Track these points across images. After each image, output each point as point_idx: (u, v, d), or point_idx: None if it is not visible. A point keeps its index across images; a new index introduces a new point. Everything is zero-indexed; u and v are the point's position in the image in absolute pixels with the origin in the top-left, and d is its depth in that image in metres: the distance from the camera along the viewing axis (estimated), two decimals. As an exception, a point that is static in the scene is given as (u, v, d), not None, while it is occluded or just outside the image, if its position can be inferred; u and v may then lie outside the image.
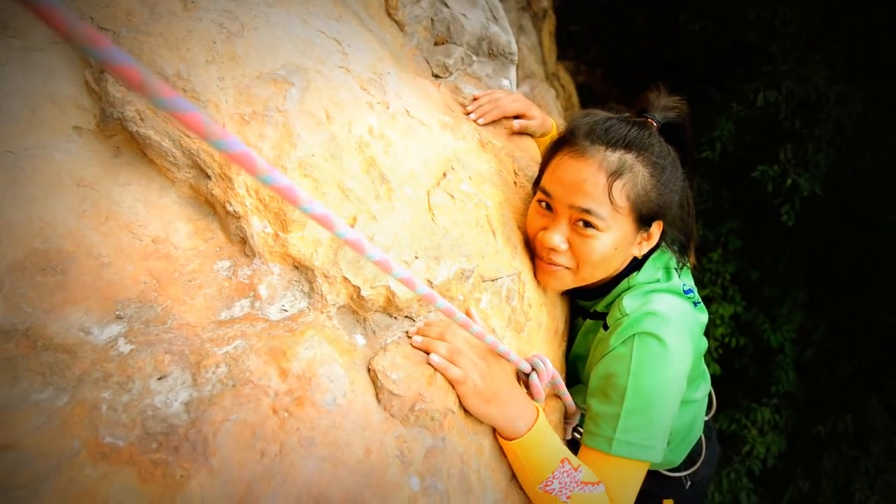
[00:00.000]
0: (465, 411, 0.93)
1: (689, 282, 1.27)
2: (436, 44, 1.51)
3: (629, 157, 1.08)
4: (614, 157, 1.08)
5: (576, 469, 1.01)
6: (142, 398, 0.73)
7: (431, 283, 0.94)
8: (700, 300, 1.26)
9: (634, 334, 1.08)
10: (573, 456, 1.03)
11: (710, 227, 5.49)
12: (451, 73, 1.45)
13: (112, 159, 0.94)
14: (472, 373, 0.91)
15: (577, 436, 1.23)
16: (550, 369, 1.03)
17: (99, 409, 0.70)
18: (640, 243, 1.16)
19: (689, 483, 1.60)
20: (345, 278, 0.89)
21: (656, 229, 1.16)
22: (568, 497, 0.99)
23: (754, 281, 5.29)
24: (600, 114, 1.17)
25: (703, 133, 5.35)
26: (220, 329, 0.83)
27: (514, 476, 1.03)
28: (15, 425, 0.64)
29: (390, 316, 0.93)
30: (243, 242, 0.93)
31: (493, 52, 1.56)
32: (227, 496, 0.67)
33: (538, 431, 0.97)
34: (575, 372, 1.31)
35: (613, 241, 1.10)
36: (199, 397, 0.74)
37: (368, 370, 0.84)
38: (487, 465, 0.94)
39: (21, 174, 0.87)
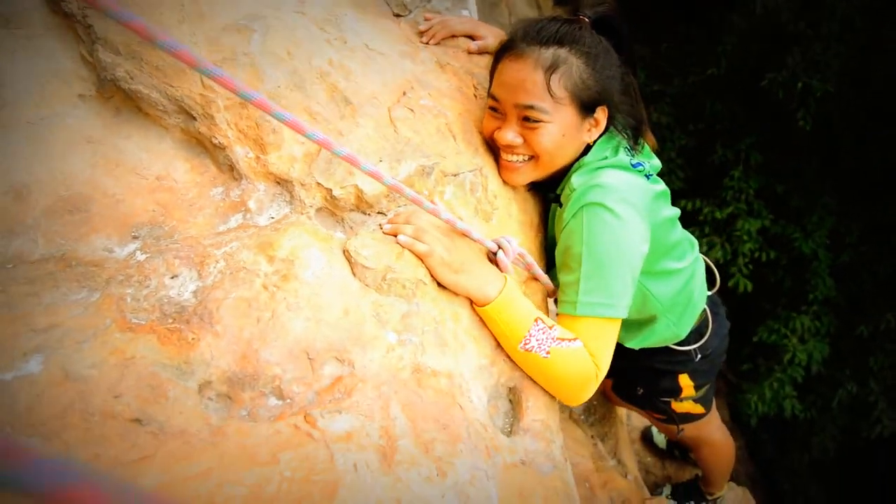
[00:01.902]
0: (439, 285, 1.08)
1: (646, 160, 1.37)
2: (394, -14, 1.63)
3: (562, 52, 1.19)
4: (548, 53, 1.19)
5: (550, 328, 1.14)
6: (158, 291, 0.90)
7: (395, 178, 1.08)
8: (654, 174, 1.36)
9: (582, 206, 1.20)
10: (546, 317, 1.16)
11: (730, 146, 5.44)
12: (410, 11, 1.57)
13: (114, 118, 1.11)
14: (438, 247, 1.05)
15: None
16: (516, 247, 1.16)
17: (125, 300, 0.87)
18: (588, 130, 1.27)
19: (699, 356, 1.71)
20: (318, 183, 1.04)
21: (601, 115, 1.27)
22: (547, 352, 1.13)
23: (780, 193, 5.24)
24: (535, 18, 1.28)
25: (708, 51, 5.30)
26: (219, 237, 1.00)
27: (498, 345, 1.17)
28: (59, 314, 0.81)
29: (364, 213, 1.08)
30: (231, 169, 1.09)
31: (450, -14, 1.66)
32: (230, 352, 0.84)
33: (508, 295, 1.11)
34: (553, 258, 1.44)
35: (560, 129, 1.21)
36: (204, 286, 0.91)
37: (343, 252, 0.99)
38: (466, 331, 1.08)
39: (41, 139, 1.05)
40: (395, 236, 1.04)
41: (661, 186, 1.40)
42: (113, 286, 0.89)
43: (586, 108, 1.23)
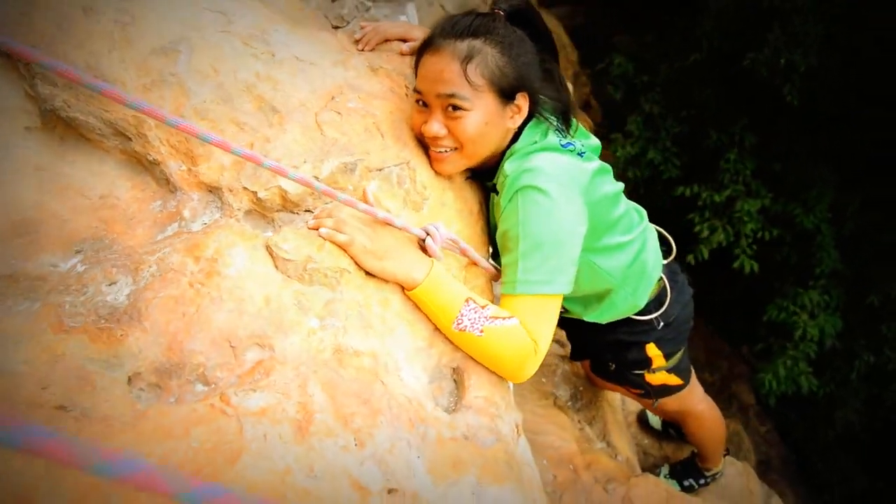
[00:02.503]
0: (368, 274, 1.14)
1: (579, 140, 1.42)
2: (333, 0, 1.71)
3: (477, 42, 1.26)
4: (463, 44, 1.25)
5: (482, 307, 1.20)
6: (94, 297, 0.97)
7: (318, 177, 1.15)
8: (587, 150, 1.40)
9: (516, 190, 1.26)
10: (479, 297, 1.22)
11: (723, 129, 5.44)
12: (348, 22, 1.65)
13: (59, 146, 1.19)
14: (359, 236, 1.11)
15: None
16: (444, 233, 1.22)
17: (63, 307, 0.94)
18: (511, 116, 1.33)
19: (661, 324, 1.75)
20: (244, 188, 1.12)
21: (522, 101, 1.32)
22: (481, 331, 1.18)
23: (777, 171, 5.22)
24: (452, 14, 1.35)
25: (689, 37, 5.33)
26: (155, 245, 1.07)
27: (437, 329, 1.22)
28: (1, 322, 0.89)
29: (292, 212, 1.15)
30: (168, 182, 1.16)
31: (387, -5, 1.74)
32: (157, 344, 0.91)
33: (434, 277, 1.17)
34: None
35: (482, 116, 1.27)
36: (137, 289, 0.98)
37: (266, 248, 1.06)
38: (397, 314, 1.14)
39: (-7, 170, 1.14)
40: (317, 229, 1.11)
41: (598, 164, 1.45)
42: (53, 296, 0.97)
43: (506, 94, 1.29)
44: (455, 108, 1.25)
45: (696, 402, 2.05)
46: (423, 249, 1.23)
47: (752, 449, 5.33)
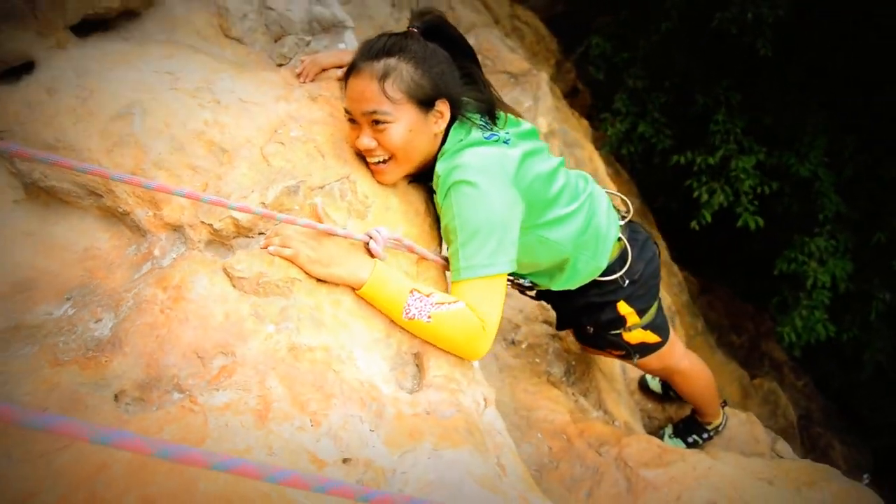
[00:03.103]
0: (319, 280, 1.29)
1: (505, 129, 1.55)
2: (276, 41, 1.88)
3: (392, 60, 1.40)
4: (379, 64, 1.39)
5: (427, 296, 1.33)
6: (83, 334, 1.14)
7: (265, 203, 1.31)
8: (511, 137, 1.52)
9: (448, 187, 1.40)
10: (424, 287, 1.35)
11: (708, 93, 5.48)
12: (290, 59, 1.82)
13: (44, 211, 1.38)
14: (303, 248, 1.26)
15: None
16: (386, 234, 1.36)
17: (57, 346, 1.11)
18: (435, 122, 1.47)
19: (626, 282, 1.85)
20: (202, 222, 1.28)
21: (443, 106, 1.46)
22: (429, 317, 1.32)
23: (768, 125, 5.24)
24: (369, 39, 1.49)
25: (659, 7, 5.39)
26: (132, 283, 1.24)
27: (393, 321, 1.37)
28: (8, 364, 1.06)
29: (247, 237, 1.31)
30: (138, 228, 1.33)
31: (325, 27, 1.91)
32: (137, 364, 1.07)
33: (378, 275, 1.31)
34: None
35: (406, 126, 1.41)
36: (117, 321, 1.15)
37: (223, 270, 1.22)
38: (350, 312, 1.29)
39: (-9, 241, 1.32)
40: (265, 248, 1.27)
41: (528, 146, 1.56)
42: (49, 338, 1.14)
43: (425, 103, 1.43)
44: (378, 122, 1.40)
45: (677, 358, 2.14)
46: (370, 252, 1.37)
47: (791, 404, 5.33)
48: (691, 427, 2.44)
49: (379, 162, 1.46)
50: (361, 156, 1.52)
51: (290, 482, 0.56)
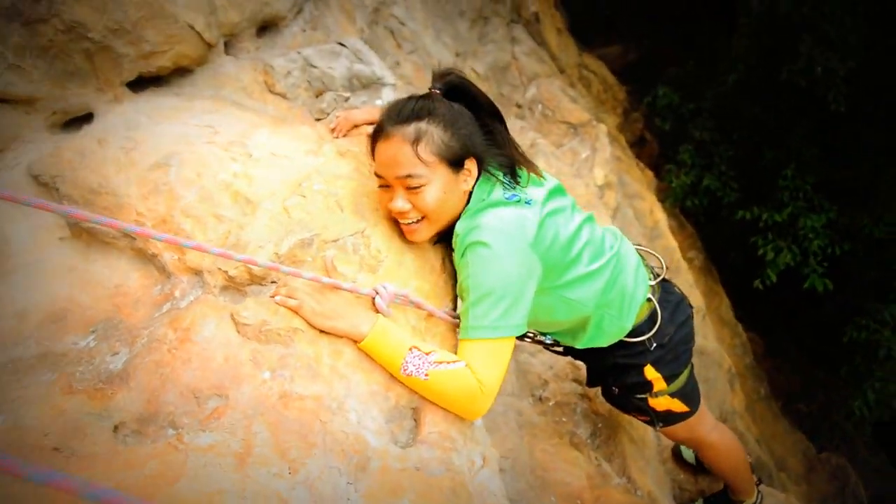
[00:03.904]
0: (321, 332, 1.34)
1: (528, 188, 1.57)
2: (317, 96, 2.00)
3: (422, 124, 1.45)
4: (410, 128, 1.45)
5: (427, 354, 1.36)
6: (99, 366, 1.24)
7: (279, 254, 1.38)
8: (532, 198, 1.53)
9: (466, 247, 1.43)
10: (426, 345, 1.38)
11: (777, 146, 5.31)
12: (328, 114, 1.93)
13: (85, 249, 1.51)
14: (308, 300, 1.32)
15: None
16: (391, 291, 1.40)
17: (74, 375, 1.21)
18: (465, 180, 1.51)
19: (654, 345, 1.79)
20: (219, 269, 1.37)
21: (471, 165, 1.51)
22: (426, 375, 1.34)
23: (840, 182, 5.01)
24: (395, 101, 1.56)
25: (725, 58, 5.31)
26: (151, 321, 1.34)
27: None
28: (28, 389, 1.17)
29: (260, 284, 1.39)
30: (164, 270, 1.44)
31: (364, 84, 2.01)
32: (140, 399, 1.15)
33: (379, 330, 1.35)
34: None
35: (440, 187, 1.46)
36: (131, 357, 1.24)
37: (231, 316, 1.29)
38: (349, 364, 1.33)
39: (37, 274, 1.46)
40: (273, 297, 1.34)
41: (550, 205, 1.57)
42: (69, 367, 1.24)
43: (455, 163, 1.48)
44: (413, 185, 1.45)
45: (706, 430, 2.05)
46: (376, 308, 1.42)
47: (861, 483, 4.92)
48: (721, 503, 2.31)
49: (412, 223, 1.51)
50: (379, 210, 1.58)
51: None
